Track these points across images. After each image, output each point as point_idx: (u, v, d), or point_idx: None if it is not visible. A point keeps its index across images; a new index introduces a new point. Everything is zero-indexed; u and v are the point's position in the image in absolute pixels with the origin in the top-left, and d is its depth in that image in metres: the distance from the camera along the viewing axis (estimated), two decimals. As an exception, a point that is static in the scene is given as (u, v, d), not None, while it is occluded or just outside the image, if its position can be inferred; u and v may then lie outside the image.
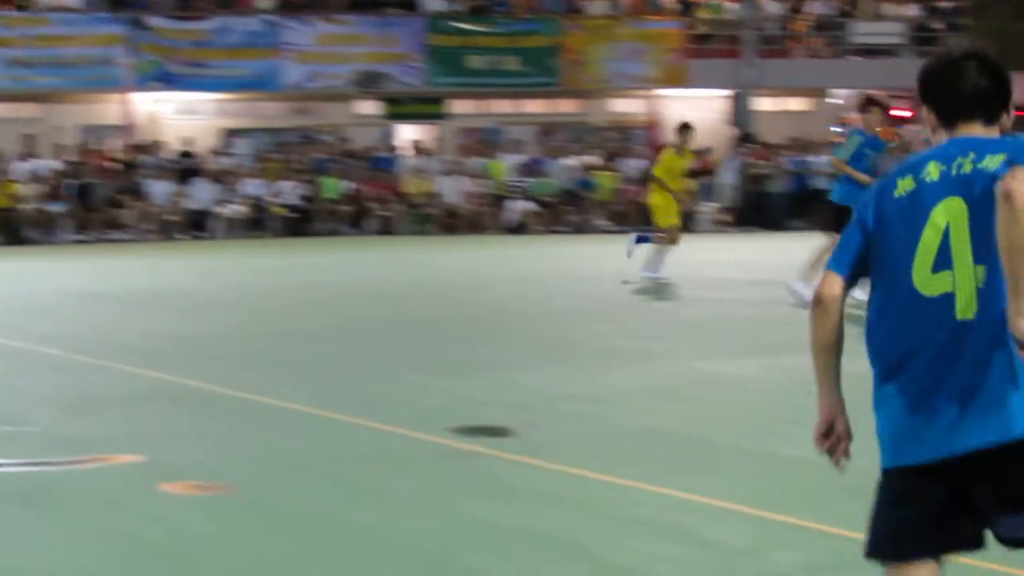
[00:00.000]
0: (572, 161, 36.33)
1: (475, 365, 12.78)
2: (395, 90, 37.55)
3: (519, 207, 34.76)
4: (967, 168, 4.14)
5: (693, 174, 35.53)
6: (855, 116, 23.89)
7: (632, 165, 35.75)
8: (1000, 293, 4.00)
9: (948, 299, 4.08)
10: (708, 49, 40.18)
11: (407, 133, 38.21)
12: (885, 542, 4.19)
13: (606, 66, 40.41)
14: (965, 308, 4.05)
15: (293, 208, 33.74)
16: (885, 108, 20.41)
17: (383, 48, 37.20)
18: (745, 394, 10.99)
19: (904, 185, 4.24)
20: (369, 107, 38.18)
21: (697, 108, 42.71)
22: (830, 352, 4.31)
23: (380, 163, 35.92)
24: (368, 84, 37.04)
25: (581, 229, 34.48)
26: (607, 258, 26.01)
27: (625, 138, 41.50)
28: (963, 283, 4.07)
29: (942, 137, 4.35)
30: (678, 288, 19.57)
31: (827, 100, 45.16)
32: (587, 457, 8.65)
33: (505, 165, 35.91)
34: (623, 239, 22.73)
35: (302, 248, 30.05)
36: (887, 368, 4.17)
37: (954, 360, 4.05)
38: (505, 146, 37.63)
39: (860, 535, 6.02)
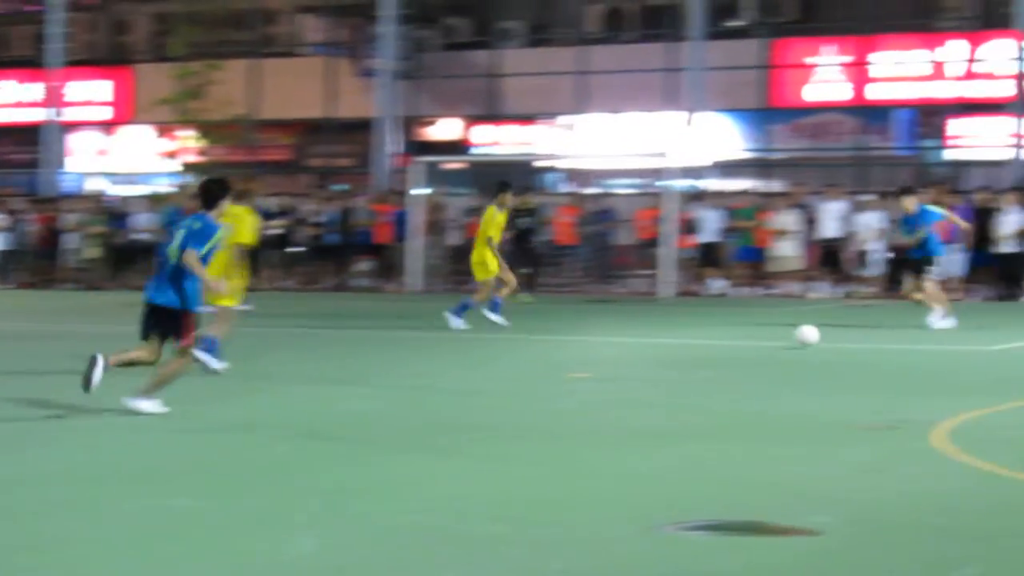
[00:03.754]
0: None
1: None
2: None
3: None
4: (194, 226, 12.54)
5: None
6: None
7: None
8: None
9: (170, 257, 12.43)
10: None
11: None
12: (141, 332, 12.44)
13: None
14: (172, 259, 12.41)
15: None
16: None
17: None
18: None
19: (187, 223, 12.77)
20: None
21: None
22: None
23: None
24: None
25: None
26: None
27: None
28: (173, 254, 12.42)
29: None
30: None
31: None
32: None
33: None
34: None
35: None
36: (159, 268, 12.89)
37: (170, 275, 12.40)
38: None
39: None
